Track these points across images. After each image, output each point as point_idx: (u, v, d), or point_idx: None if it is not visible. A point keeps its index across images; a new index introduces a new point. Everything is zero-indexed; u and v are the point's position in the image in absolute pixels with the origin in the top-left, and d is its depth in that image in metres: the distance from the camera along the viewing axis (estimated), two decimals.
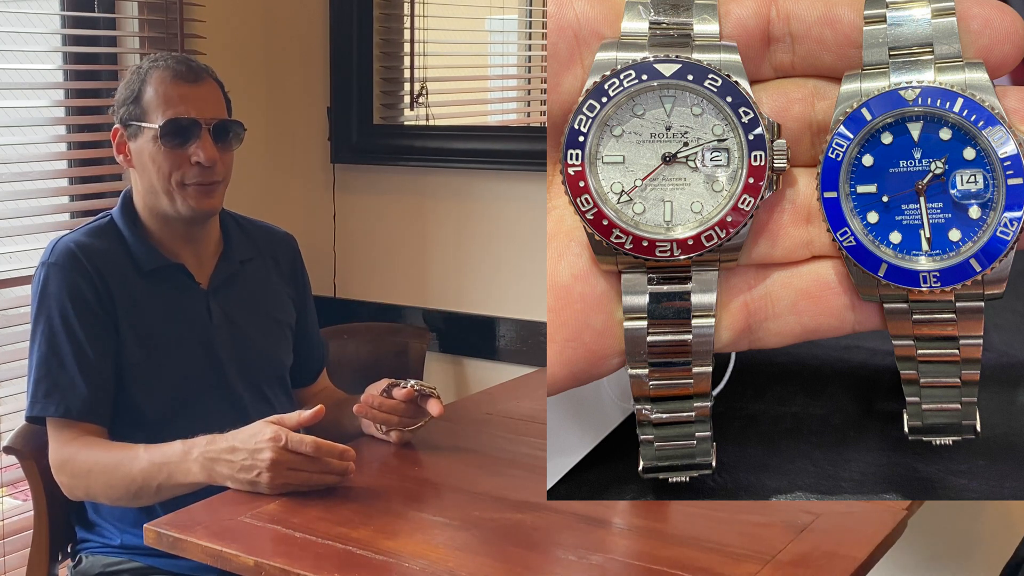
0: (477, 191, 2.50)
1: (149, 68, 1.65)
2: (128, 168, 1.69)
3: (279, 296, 1.84)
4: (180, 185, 1.63)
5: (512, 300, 2.46)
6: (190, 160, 1.62)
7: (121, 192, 1.74)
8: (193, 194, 1.64)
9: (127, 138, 1.66)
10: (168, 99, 1.62)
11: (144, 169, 1.65)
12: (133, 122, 1.64)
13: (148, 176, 1.65)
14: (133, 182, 1.70)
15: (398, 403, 1.65)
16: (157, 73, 1.64)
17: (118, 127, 1.67)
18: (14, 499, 2.28)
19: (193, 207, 1.65)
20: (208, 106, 1.65)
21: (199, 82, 1.65)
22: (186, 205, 1.64)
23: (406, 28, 2.59)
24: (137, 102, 1.64)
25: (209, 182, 1.64)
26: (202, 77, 1.66)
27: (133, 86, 1.65)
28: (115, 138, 1.68)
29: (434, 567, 1.26)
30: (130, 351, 1.63)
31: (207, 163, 1.62)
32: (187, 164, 1.63)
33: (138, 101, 1.64)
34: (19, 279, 2.20)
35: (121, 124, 1.66)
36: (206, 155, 1.62)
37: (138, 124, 1.63)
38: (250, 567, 1.28)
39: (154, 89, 1.63)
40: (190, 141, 1.62)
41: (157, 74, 1.64)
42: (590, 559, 1.30)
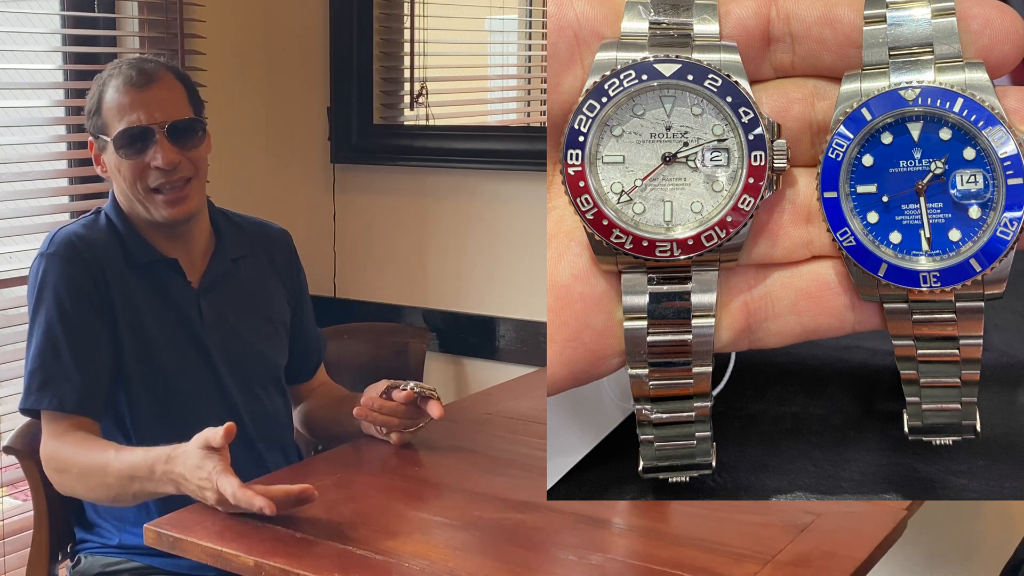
0: (477, 191, 2.50)
1: (107, 77, 1.64)
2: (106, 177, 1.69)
3: (273, 294, 1.83)
4: (148, 192, 1.63)
5: (512, 300, 2.46)
6: (150, 165, 1.61)
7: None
8: (162, 203, 1.63)
9: (98, 149, 1.67)
10: (121, 108, 1.61)
11: (115, 178, 1.66)
12: (98, 134, 1.65)
13: (119, 185, 1.66)
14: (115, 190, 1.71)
15: (398, 405, 1.64)
16: (112, 82, 1.63)
17: (91, 139, 1.67)
18: (14, 499, 2.28)
19: (165, 216, 1.64)
20: (161, 108, 1.62)
21: (150, 85, 1.62)
22: (159, 213, 1.64)
23: (406, 28, 2.59)
24: (98, 114, 1.64)
25: (176, 183, 1.63)
26: (154, 79, 1.63)
27: (94, 98, 1.64)
28: (91, 149, 1.68)
29: (434, 567, 1.26)
30: (126, 343, 1.63)
31: (166, 166, 1.61)
32: (148, 170, 1.62)
33: (99, 113, 1.64)
34: (19, 279, 2.20)
35: (92, 136, 1.67)
36: (164, 159, 1.60)
37: (102, 137, 1.64)
38: (250, 567, 1.28)
39: (109, 99, 1.62)
40: (147, 148, 1.61)
41: (112, 83, 1.63)
42: (590, 559, 1.30)
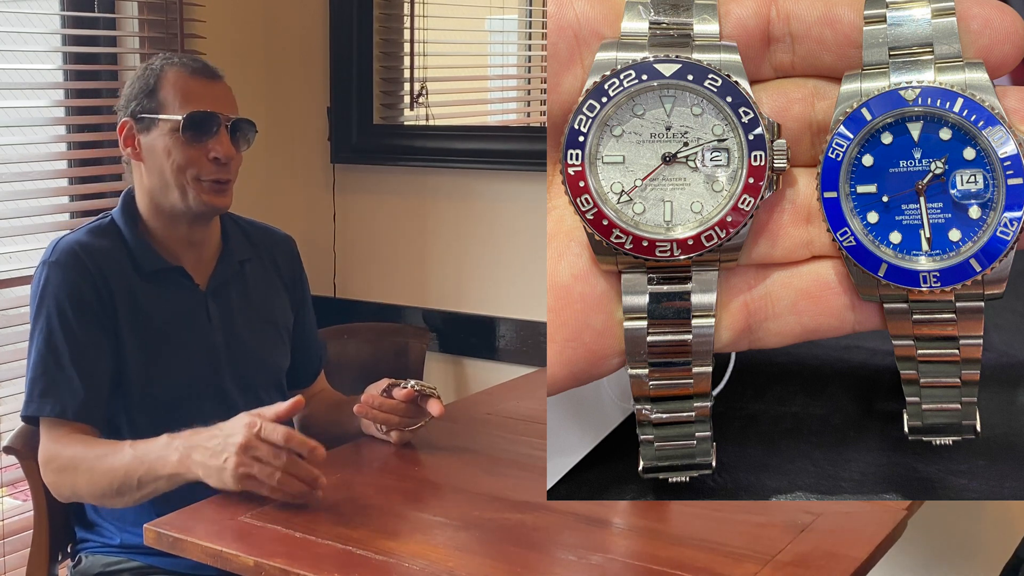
0: (477, 191, 2.50)
1: (163, 64, 1.67)
2: (135, 162, 1.68)
3: (277, 298, 1.84)
4: (195, 180, 1.64)
5: (512, 300, 2.46)
6: (207, 155, 1.63)
7: (121, 192, 1.73)
8: (207, 189, 1.65)
9: (137, 131, 1.66)
10: (188, 94, 1.64)
11: (156, 162, 1.65)
12: (147, 115, 1.64)
13: (159, 169, 1.65)
14: (137, 179, 1.69)
15: (398, 403, 1.65)
16: (174, 69, 1.66)
17: (127, 120, 1.66)
18: (14, 499, 2.28)
19: (205, 202, 1.65)
20: (226, 103, 1.67)
21: (216, 80, 1.68)
22: (198, 200, 1.64)
23: (406, 28, 2.59)
24: (152, 96, 1.64)
25: (224, 179, 1.65)
26: (218, 77, 1.69)
27: (148, 80, 1.65)
28: (122, 132, 1.67)
29: (434, 567, 1.26)
30: (129, 352, 1.63)
31: (224, 159, 1.63)
32: (203, 159, 1.63)
33: (153, 95, 1.64)
34: (19, 279, 2.20)
35: (131, 117, 1.66)
36: (223, 150, 1.63)
37: (153, 117, 1.64)
38: (250, 567, 1.28)
39: (172, 84, 1.64)
40: (209, 136, 1.63)
41: (174, 70, 1.65)
42: (590, 559, 1.30)
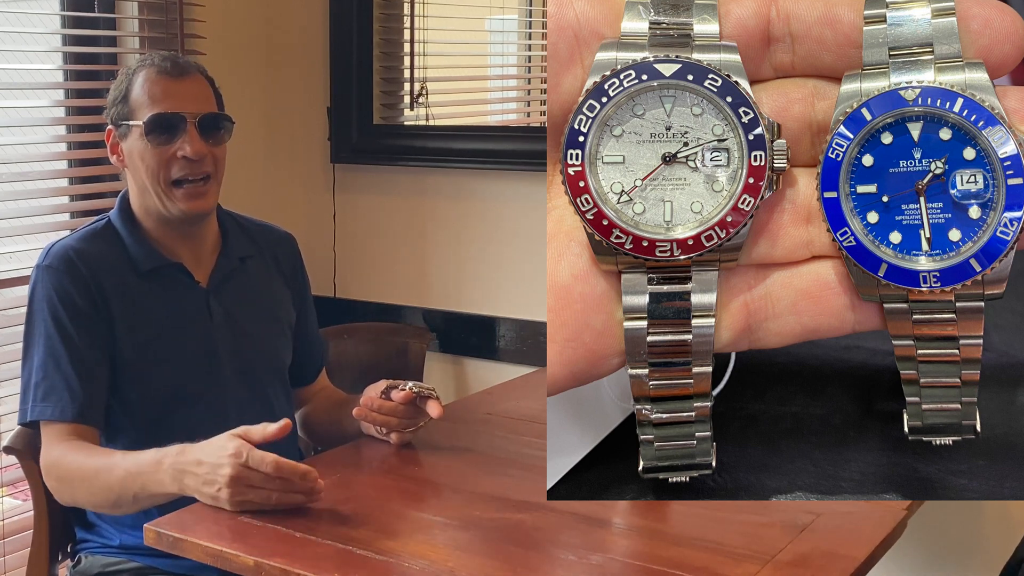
0: (477, 191, 2.50)
1: (137, 67, 1.66)
2: (123, 169, 1.70)
3: (279, 295, 1.84)
4: (169, 184, 1.63)
5: (512, 300, 2.46)
6: (177, 155, 1.62)
7: (120, 192, 1.74)
8: (182, 196, 1.64)
9: (119, 138, 1.67)
10: (153, 95, 1.63)
11: (135, 168, 1.66)
12: (122, 121, 1.65)
13: (139, 176, 1.66)
14: (128, 183, 1.71)
15: (397, 405, 1.64)
16: (144, 72, 1.65)
17: (111, 128, 1.68)
18: (14, 499, 2.28)
19: (183, 209, 1.64)
20: (194, 100, 1.65)
21: (184, 77, 1.65)
22: (176, 207, 1.64)
23: (406, 28, 2.59)
24: (125, 101, 1.65)
25: (198, 178, 1.64)
26: (188, 72, 1.66)
27: (121, 86, 1.66)
28: (108, 139, 1.69)
29: (434, 567, 1.26)
30: (128, 352, 1.63)
31: (194, 157, 1.62)
32: (174, 160, 1.63)
33: (126, 100, 1.64)
34: (19, 279, 2.20)
35: (112, 124, 1.67)
36: (192, 149, 1.62)
37: (127, 123, 1.64)
38: (250, 567, 1.28)
39: (140, 87, 1.64)
40: (176, 136, 1.62)
41: (144, 72, 1.65)
42: (590, 559, 1.30)
